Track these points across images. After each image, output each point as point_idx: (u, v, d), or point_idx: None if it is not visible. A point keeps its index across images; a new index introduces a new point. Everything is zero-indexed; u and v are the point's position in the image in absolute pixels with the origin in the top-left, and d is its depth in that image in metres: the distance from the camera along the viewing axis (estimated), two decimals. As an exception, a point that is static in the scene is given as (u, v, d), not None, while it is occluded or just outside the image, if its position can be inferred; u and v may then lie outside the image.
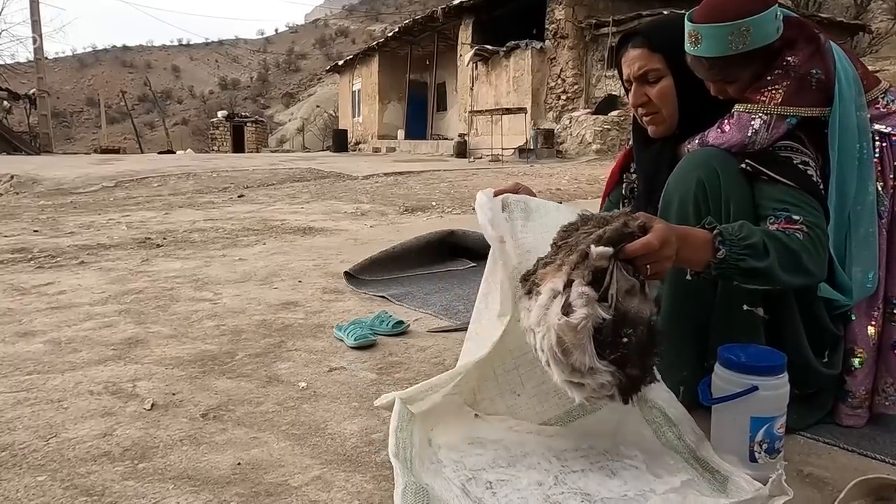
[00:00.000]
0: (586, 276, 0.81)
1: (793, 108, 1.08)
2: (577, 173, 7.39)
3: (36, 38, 18.15)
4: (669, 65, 1.19)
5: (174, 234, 3.50)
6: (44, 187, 7.25)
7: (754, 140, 1.08)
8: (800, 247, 0.99)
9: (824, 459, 1.03)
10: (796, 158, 1.08)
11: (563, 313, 0.80)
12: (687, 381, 1.12)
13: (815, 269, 1.01)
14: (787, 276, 0.98)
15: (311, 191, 6.25)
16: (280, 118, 49.12)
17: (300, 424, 1.14)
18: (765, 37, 1.08)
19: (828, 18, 14.97)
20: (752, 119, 1.08)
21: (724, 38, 1.07)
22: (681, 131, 1.22)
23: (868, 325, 1.11)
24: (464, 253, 2.58)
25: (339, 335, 1.62)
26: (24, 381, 1.35)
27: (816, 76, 1.09)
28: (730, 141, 1.10)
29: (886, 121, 1.13)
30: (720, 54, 1.08)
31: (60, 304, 1.99)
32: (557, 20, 12.27)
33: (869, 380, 1.12)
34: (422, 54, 18.16)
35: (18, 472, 0.98)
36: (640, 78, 1.21)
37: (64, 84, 65.83)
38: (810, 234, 1.01)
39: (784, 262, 0.97)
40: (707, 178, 1.07)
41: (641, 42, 1.21)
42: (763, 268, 0.95)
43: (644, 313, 0.83)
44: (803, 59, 1.09)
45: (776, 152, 1.09)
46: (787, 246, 0.98)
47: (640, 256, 0.84)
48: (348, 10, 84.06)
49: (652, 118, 1.24)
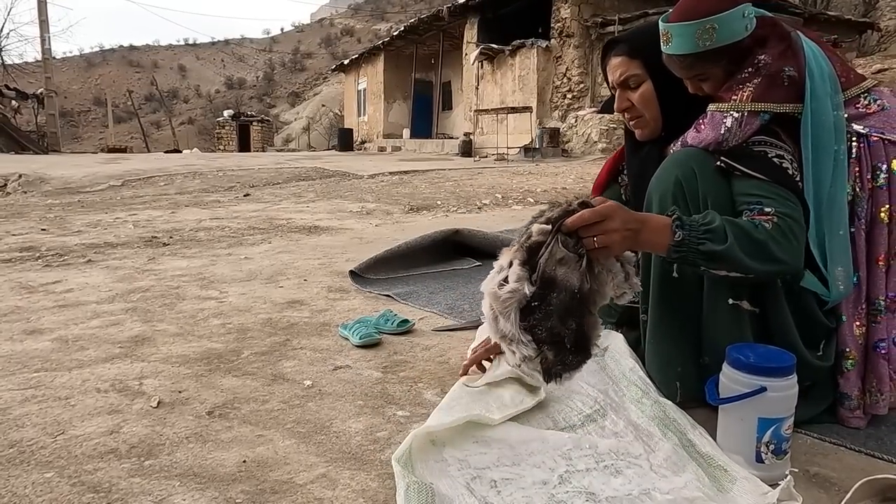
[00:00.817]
0: (523, 254, 0.95)
1: (763, 103, 1.09)
2: (583, 172, 7.37)
3: (44, 37, 18.25)
4: (648, 70, 1.24)
5: (180, 233, 3.51)
6: (51, 186, 7.29)
7: (727, 137, 1.10)
8: (765, 236, 1.01)
9: (831, 459, 1.02)
10: (771, 152, 1.09)
11: (498, 286, 0.95)
12: (683, 377, 1.13)
13: (786, 256, 1.01)
14: (754, 262, 1.00)
15: (316, 190, 6.27)
16: (285, 117, 49.25)
17: (305, 422, 1.14)
18: (731, 34, 1.11)
19: (835, 16, 14.86)
20: (725, 117, 1.11)
21: (692, 35, 1.11)
22: (667, 134, 1.25)
23: (854, 326, 1.12)
24: (469, 252, 2.58)
25: (344, 334, 1.62)
26: (31, 378, 1.36)
27: (788, 73, 1.10)
28: (705, 140, 1.13)
29: (865, 121, 1.12)
30: (689, 51, 1.13)
31: (68, 303, 2.00)
32: (563, 19, 12.24)
33: (860, 380, 1.12)
34: (427, 53, 18.16)
35: (26, 468, 0.98)
36: (622, 84, 1.27)
37: (71, 83, 66.20)
38: (779, 224, 1.02)
39: (747, 248, 0.99)
40: (684, 176, 1.11)
41: (622, 49, 1.26)
42: (721, 251, 0.98)
43: (571, 281, 0.92)
44: (774, 57, 1.10)
45: (750, 147, 1.10)
46: (750, 234, 1.00)
47: (582, 229, 0.94)
48: (354, 10, 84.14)
49: (637, 122, 1.29)
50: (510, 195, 5.24)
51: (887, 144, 1.10)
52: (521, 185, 6.12)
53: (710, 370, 1.10)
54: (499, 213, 4.34)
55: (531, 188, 5.77)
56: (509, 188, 5.79)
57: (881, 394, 1.11)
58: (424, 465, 0.94)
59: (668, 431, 1.01)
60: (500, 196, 5.18)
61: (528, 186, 5.91)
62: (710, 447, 0.96)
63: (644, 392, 1.13)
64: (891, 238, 1.10)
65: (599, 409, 1.11)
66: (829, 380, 1.13)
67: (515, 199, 5.06)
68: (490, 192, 5.52)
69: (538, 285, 0.92)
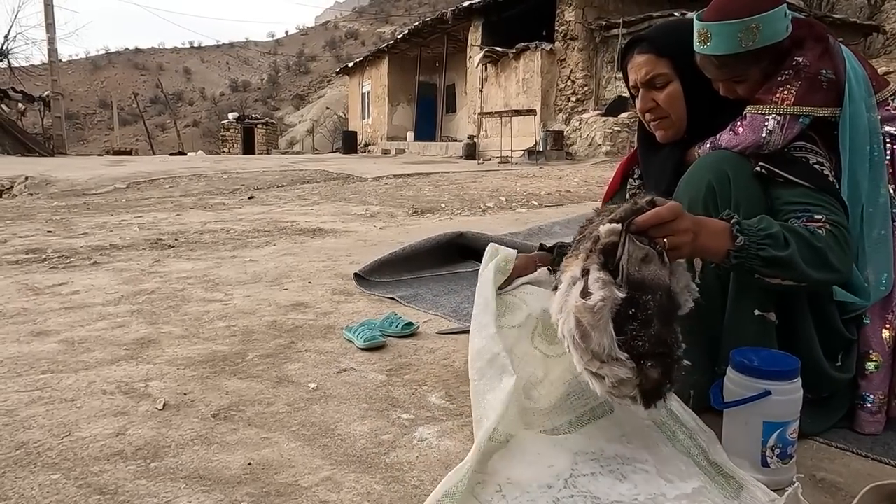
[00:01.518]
0: (599, 258, 0.83)
1: (805, 107, 1.07)
2: (587, 175, 7.37)
3: (50, 39, 18.36)
4: (676, 69, 1.19)
5: (185, 235, 3.52)
6: (57, 188, 7.33)
7: (768, 141, 1.07)
8: (824, 243, 0.98)
9: (837, 465, 1.02)
10: (812, 159, 1.07)
11: (581, 297, 0.82)
12: (698, 385, 1.11)
13: (841, 265, 0.99)
14: (812, 270, 0.96)
15: (320, 192, 6.28)
16: (290, 120, 49.40)
17: (310, 425, 1.15)
18: (774, 34, 1.08)
19: (841, 19, 14.83)
20: (766, 120, 1.08)
21: (734, 35, 1.08)
22: (689, 136, 1.22)
23: (882, 329, 1.10)
24: (473, 255, 2.58)
25: (348, 336, 1.62)
26: (38, 380, 1.36)
27: (827, 76, 1.08)
28: (743, 142, 1.09)
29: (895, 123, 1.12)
30: (730, 52, 1.09)
31: (74, 305, 2.01)
32: (567, 22, 12.25)
33: (886, 384, 1.11)
34: (431, 56, 18.19)
35: (33, 470, 0.99)
36: (647, 83, 1.22)
37: (77, 86, 66.55)
38: (834, 232, 1.00)
39: (806, 256, 0.96)
40: (717, 180, 1.07)
41: (647, 47, 1.21)
42: (784, 257, 0.94)
43: (663, 279, 0.82)
44: (813, 59, 1.09)
45: (791, 153, 1.08)
46: (810, 241, 0.97)
47: (654, 228, 0.85)
48: (358, 13, 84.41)
49: (660, 122, 1.24)
50: (514, 198, 5.24)
51: None
52: (525, 187, 6.11)
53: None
54: (503, 215, 4.34)
55: (535, 191, 5.76)
56: (513, 191, 5.79)
57: None
58: None
59: (677, 436, 1.01)
60: (503, 199, 5.18)
61: (531, 189, 5.91)
62: (719, 453, 0.96)
63: None
64: None
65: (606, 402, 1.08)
66: (848, 390, 1.12)
67: (519, 202, 5.06)
68: (494, 194, 5.53)
69: (627, 290, 0.81)
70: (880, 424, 1.11)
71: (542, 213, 4.40)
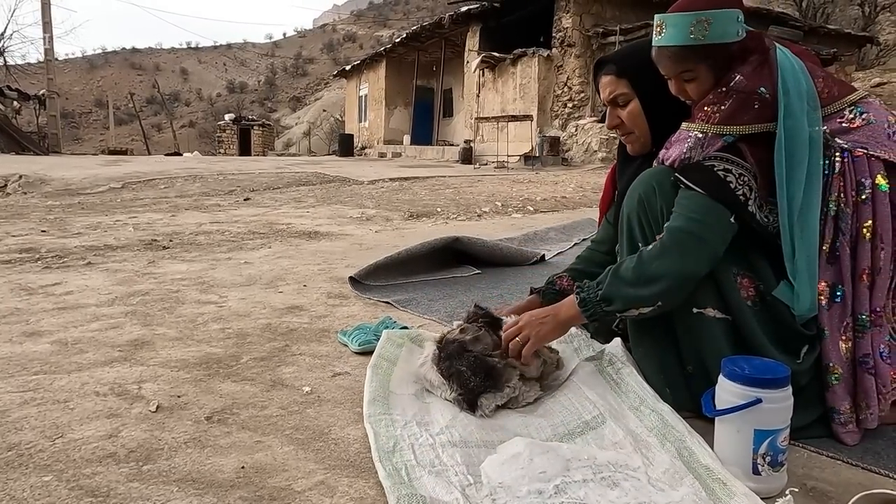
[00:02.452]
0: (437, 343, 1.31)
1: (728, 126, 1.13)
2: (583, 181, 7.39)
3: (47, 38, 18.30)
4: (635, 88, 1.30)
5: (180, 237, 3.52)
6: (52, 187, 7.30)
7: (689, 156, 1.15)
8: (641, 259, 1.14)
9: (828, 473, 1.02)
10: (719, 166, 1.13)
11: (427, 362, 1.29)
12: (671, 383, 1.18)
13: (664, 270, 1.11)
14: (640, 289, 1.12)
15: (316, 195, 6.28)
16: (287, 122, 49.37)
17: (304, 429, 1.15)
18: (723, 34, 1.14)
19: (835, 30, 14.95)
20: (689, 136, 1.16)
21: (686, 26, 1.14)
22: (657, 149, 1.28)
23: (839, 341, 1.12)
24: (469, 260, 2.59)
25: (343, 340, 1.63)
26: (30, 380, 1.36)
27: (762, 94, 1.12)
28: (671, 157, 1.18)
29: (848, 136, 1.12)
30: (680, 43, 1.16)
31: (67, 305, 2.00)
32: (564, 28, 12.31)
33: (849, 395, 1.12)
34: (429, 60, 18.23)
35: (24, 471, 0.99)
36: (611, 102, 1.34)
37: (73, 85, 66.34)
38: (662, 241, 1.13)
39: (630, 279, 1.13)
40: (646, 194, 1.20)
41: (609, 69, 1.33)
42: (618, 309, 1.15)
43: (476, 348, 1.25)
44: (748, 77, 1.13)
45: (702, 162, 1.15)
46: (629, 265, 1.14)
47: (511, 342, 1.24)
48: (356, 16, 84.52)
49: (627, 138, 1.37)
50: (510, 203, 5.26)
51: (871, 160, 1.10)
52: (521, 193, 6.13)
53: (696, 378, 1.15)
54: (498, 220, 4.35)
55: (531, 196, 5.78)
56: (509, 196, 5.80)
57: (869, 408, 1.11)
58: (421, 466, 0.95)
59: (667, 442, 1.01)
60: (499, 204, 5.19)
61: (527, 195, 5.93)
62: (710, 458, 0.97)
63: (641, 399, 1.13)
64: (874, 254, 1.10)
65: (599, 416, 1.11)
66: (815, 387, 1.13)
67: (515, 207, 5.08)
68: (490, 199, 5.54)
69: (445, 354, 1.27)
70: (856, 434, 1.11)
71: (538, 218, 4.41)
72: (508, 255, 2.67)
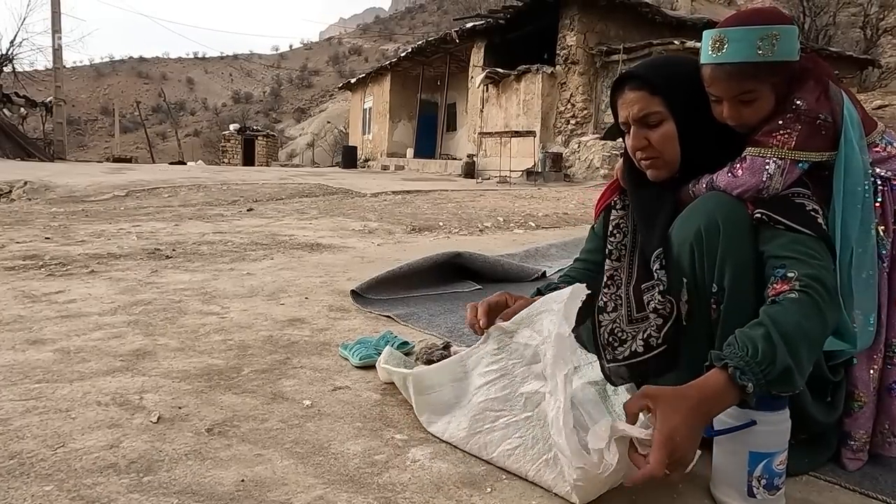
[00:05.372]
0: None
1: (805, 152, 1.06)
2: (584, 198, 7.42)
3: (56, 47, 18.49)
4: (671, 108, 1.14)
5: (183, 246, 3.53)
6: (56, 194, 7.34)
7: (769, 185, 1.05)
8: (799, 317, 0.94)
9: (825, 498, 1.03)
10: (808, 205, 1.05)
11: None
12: None
13: (822, 325, 0.97)
14: (816, 350, 0.96)
15: (319, 207, 6.30)
16: (291, 133, 49.61)
17: (304, 443, 1.15)
18: (790, 51, 1.06)
19: (837, 52, 15.06)
20: (767, 163, 1.05)
21: (753, 41, 1.05)
22: (681, 175, 1.17)
23: (870, 369, 1.12)
24: (470, 275, 2.60)
25: (344, 354, 1.63)
26: (33, 389, 1.37)
27: (826, 121, 1.08)
28: (742, 186, 1.06)
29: (886, 164, 1.14)
30: (746, 59, 1.05)
31: (70, 313, 2.01)
32: (569, 46, 12.42)
33: (869, 423, 1.12)
34: (433, 75, 18.39)
35: (26, 480, 0.99)
36: (639, 121, 1.16)
37: (80, 92, 66.80)
38: (808, 291, 0.96)
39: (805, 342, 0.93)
40: (707, 228, 1.05)
41: (640, 84, 1.15)
42: (792, 367, 0.91)
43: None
44: (812, 103, 1.07)
45: (791, 199, 1.05)
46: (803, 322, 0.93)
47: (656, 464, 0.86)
48: (362, 30, 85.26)
49: (652, 162, 1.18)
50: (512, 219, 5.28)
51: None
52: (523, 208, 6.15)
53: None
54: (500, 236, 4.37)
55: (533, 212, 5.80)
56: (511, 211, 5.82)
57: (893, 436, 1.11)
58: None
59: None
60: (501, 219, 5.21)
61: (529, 210, 5.95)
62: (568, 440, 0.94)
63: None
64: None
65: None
66: (835, 429, 1.13)
67: (517, 222, 5.10)
68: (492, 214, 5.56)
69: None
70: (861, 462, 1.12)
71: (539, 234, 4.43)
72: (510, 271, 2.68)
